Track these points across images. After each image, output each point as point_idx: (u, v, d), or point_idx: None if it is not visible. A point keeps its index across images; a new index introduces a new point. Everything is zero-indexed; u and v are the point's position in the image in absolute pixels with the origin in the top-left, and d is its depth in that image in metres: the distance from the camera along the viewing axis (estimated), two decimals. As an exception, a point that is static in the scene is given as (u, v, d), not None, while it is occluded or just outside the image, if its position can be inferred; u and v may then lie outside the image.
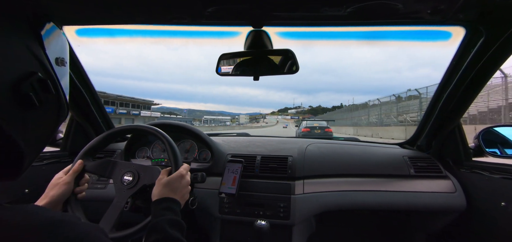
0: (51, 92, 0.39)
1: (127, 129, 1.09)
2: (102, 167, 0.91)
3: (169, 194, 0.75)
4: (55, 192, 0.75)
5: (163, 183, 0.77)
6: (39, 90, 0.37)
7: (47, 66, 0.39)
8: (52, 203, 0.73)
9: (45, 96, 0.38)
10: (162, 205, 0.71)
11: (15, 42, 0.34)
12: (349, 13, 0.80)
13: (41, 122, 0.40)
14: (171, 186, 0.77)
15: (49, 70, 0.39)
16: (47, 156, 1.33)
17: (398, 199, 1.22)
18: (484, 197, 1.15)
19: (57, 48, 0.43)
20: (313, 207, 1.21)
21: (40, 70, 0.37)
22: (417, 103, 16.51)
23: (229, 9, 0.81)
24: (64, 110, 0.44)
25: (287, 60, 0.96)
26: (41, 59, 0.38)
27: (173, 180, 0.79)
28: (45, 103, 0.39)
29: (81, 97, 1.35)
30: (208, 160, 1.43)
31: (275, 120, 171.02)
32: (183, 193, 0.80)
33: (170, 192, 0.76)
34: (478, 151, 1.25)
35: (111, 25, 0.97)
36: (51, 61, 0.40)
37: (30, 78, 0.35)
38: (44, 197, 0.73)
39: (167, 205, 0.71)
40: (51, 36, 0.41)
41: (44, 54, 0.39)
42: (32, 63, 0.37)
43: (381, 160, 1.38)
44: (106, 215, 0.80)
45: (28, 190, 1.19)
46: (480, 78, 1.03)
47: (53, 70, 0.40)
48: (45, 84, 0.38)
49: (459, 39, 1.01)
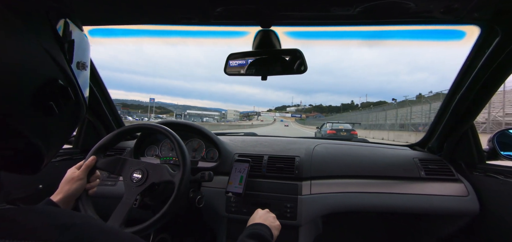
0: (71, 98, 0.39)
1: (137, 127, 1.11)
2: (112, 164, 0.93)
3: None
4: (69, 187, 0.78)
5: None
6: (59, 98, 0.36)
7: (68, 72, 0.38)
8: (66, 198, 0.76)
9: (65, 103, 0.38)
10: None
11: (34, 46, 0.33)
12: (358, 13, 0.79)
13: (60, 126, 0.40)
14: None
15: (69, 76, 0.38)
16: (60, 153, 1.37)
17: (408, 202, 1.19)
18: (498, 201, 1.11)
19: (80, 51, 0.42)
20: (320, 208, 1.20)
21: (61, 76, 0.37)
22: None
23: (238, 9, 0.81)
24: (83, 113, 0.44)
25: (295, 60, 0.95)
26: (62, 64, 0.37)
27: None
28: (65, 109, 0.38)
29: (93, 96, 1.38)
30: (215, 159, 1.44)
31: (272, 118, 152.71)
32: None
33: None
34: (492, 154, 1.21)
35: (121, 25, 0.99)
36: (72, 65, 0.39)
37: (51, 85, 0.35)
38: (59, 192, 0.77)
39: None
40: (72, 37, 0.40)
41: (65, 59, 0.38)
42: (52, 68, 0.36)
43: (391, 161, 1.36)
44: (115, 212, 0.82)
45: (41, 185, 1.23)
46: (495, 79, 0.99)
47: (73, 75, 0.39)
48: (66, 92, 0.37)
49: (473, 38, 0.98)
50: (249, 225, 0.83)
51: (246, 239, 0.73)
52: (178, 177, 0.90)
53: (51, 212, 0.33)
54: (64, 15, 0.39)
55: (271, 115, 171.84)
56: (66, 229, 0.31)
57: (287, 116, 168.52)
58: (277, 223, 0.88)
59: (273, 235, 0.81)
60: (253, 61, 1.00)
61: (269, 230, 0.80)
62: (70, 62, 0.39)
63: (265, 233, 0.77)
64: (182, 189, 0.89)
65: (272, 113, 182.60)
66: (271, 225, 0.83)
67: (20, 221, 0.30)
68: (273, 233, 0.81)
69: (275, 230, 0.84)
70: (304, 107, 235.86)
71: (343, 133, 12.83)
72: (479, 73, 1.01)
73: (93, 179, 0.88)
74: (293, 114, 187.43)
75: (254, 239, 0.73)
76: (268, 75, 0.97)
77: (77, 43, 0.41)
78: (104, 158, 0.94)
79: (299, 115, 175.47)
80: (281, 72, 0.98)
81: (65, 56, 0.38)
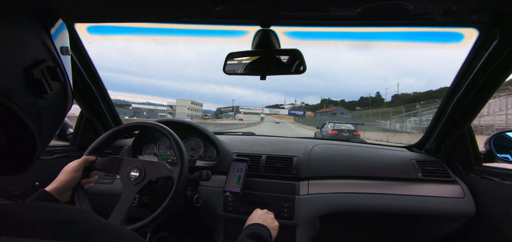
0: (60, 80, 0.41)
1: (134, 125, 1.11)
2: (109, 164, 0.93)
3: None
4: (63, 177, 0.79)
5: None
6: (49, 77, 0.38)
7: (55, 54, 0.40)
8: (61, 188, 0.77)
9: (55, 84, 0.40)
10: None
11: (25, 29, 0.35)
12: (358, 13, 0.79)
13: (51, 110, 0.41)
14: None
15: (56, 58, 0.41)
16: (57, 151, 1.36)
17: (405, 202, 1.20)
18: (494, 203, 1.12)
19: (62, 37, 0.44)
20: (317, 208, 1.20)
21: (49, 58, 0.39)
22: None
23: (239, 8, 0.81)
24: (70, 99, 0.46)
25: (294, 60, 0.95)
26: (49, 47, 0.39)
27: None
28: (55, 91, 0.40)
29: (90, 93, 1.38)
30: (213, 158, 1.44)
31: (257, 117, 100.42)
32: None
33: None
34: (489, 157, 1.22)
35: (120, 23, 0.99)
36: (57, 49, 0.41)
37: (41, 64, 0.37)
38: (54, 182, 0.77)
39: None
40: (54, 26, 0.42)
41: (51, 43, 0.40)
42: (41, 50, 0.38)
43: (388, 162, 1.36)
44: (115, 210, 0.82)
45: (38, 183, 1.22)
46: (493, 82, 1.00)
47: (59, 59, 0.41)
48: (55, 72, 0.39)
49: (471, 41, 0.99)
50: (248, 224, 0.83)
51: (246, 239, 0.73)
52: (177, 172, 0.90)
53: (51, 208, 0.33)
54: (56, 13, 0.42)
55: (257, 112, 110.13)
56: (67, 225, 0.31)
57: (283, 115, 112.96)
58: (276, 224, 0.88)
59: (272, 236, 0.81)
60: (252, 61, 1.00)
61: (268, 231, 0.80)
62: (55, 45, 0.41)
63: (265, 234, 0.77)
64: (181, 184, 0.89)
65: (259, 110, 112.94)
66: (270, 226, 0.83)
67: (21, 217, 0.31)
68: (272, 234, 0.81)
69: (274, 231, 0.84)
70: (301, 106, 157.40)
71: (346, 134, 12.45)
72: (477, 76, 1.01)
73: (91, 174, 0.89)
74: (293, 111, 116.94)
75: (253, 239, 0.73)
76: (267, 75, 0.97)
77: (58, 30, 0.43)
78: (100, 158, 0.94)
79: (302, 112, 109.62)
80: (280, 72, 0.98)
81: (50, 39, 0.40)
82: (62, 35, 0.44)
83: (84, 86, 1.32)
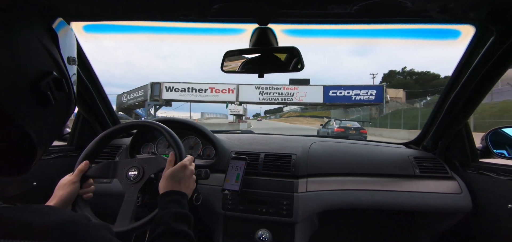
0: (65, 90, 0.41)
1: (131, 125, 1.10)
2: (104, 170, 0.90)
3: (174, 187, 0.74)
4: (63, 192, 0.75)
5: (167, 175, 0.76)
6: (54, 89, 0.38)
7: (61, 65, 0.40)
8: (61, 203, 0.74)
9: (60, 94, 0.40)
10: (167, 198, 0.70)
11: (31, 39, 0.35)
12: (356, 11, 0.79)
13: (54, 118, 0.41)
14: (175, 178, 0.76)
15: (63, 69, 0.40)
16: (55, 150, 1.36)
17: (403, 199, 1.21)
18: (490, 199, 1.13)
19: (69, 46, 0.44)
20: (316, 205, 1.21)
21: (55, 68, 0.39)
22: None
23: (236, 6, 0.81)
24: (73, 106, 0.46)
25: (292, 58, 0.95)
26: (56, 58, 0.39)
27: (177, 171, 0.77)
28: (59, 101, 0.40)
29: (88, 93, 1.37)
30: (212, 156, 1.44)
31: (225, 114, 41.77)
32: (188, 183, 0.78)
33: (175, 184, 0.75)
34: (485, 152, 1.23)
35: (117, 21, 0.98)
36: (64, 59, 0.41)
37: (47, 77, 0.37)
38: (53, 198, 0.74)
39: (172, 198, 0.70)
40: (62, 32, 0.42)
41: (58, 53, 0.40)
42: (48, 61, 0.38)
43: (386, 159, 1.37)
44: (121, 212, 0.80)
45: (36, 183, 1.22)
46: (489, 78, 1.01)
47: (66, 69, 0.41)
48: (60, 83, 0.39)
49: (468, 38, 0.99)
50: (165, 192, 0.72)
51: (170, 222, 0.61)
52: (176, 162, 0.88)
53: (49, 211, 0.34)
54: (55, 10, 0.41)
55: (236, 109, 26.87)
56: (66, 227, 0.32)
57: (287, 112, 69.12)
58: (193, 178, 0.81)
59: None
60: (250, 59, 1.00)
61: (186, 197, 0.73)
62: (63, 56, 0.41)
63: (186, 206, 0.69)
64: None
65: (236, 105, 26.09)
66: (188, 189, 0.76)
67: (20, 220, 0.31)
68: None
69: (190, 191, 0.77)
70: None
71: (352, 131, 12.01)
72: (474, 72, 1.02)
73: (86, 185, 0.85)
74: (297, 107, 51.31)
75: (181, 222, 0.63)
76: (264, 73, 0.97)
77: (66, 38, 0.43)
78: (93, 166, 0.90)
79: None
80: (278, 69, 0.98)
81: (58, 50, 0.40)
82: (68, 41, 0.44)
83: (81, 86, 1.31)
